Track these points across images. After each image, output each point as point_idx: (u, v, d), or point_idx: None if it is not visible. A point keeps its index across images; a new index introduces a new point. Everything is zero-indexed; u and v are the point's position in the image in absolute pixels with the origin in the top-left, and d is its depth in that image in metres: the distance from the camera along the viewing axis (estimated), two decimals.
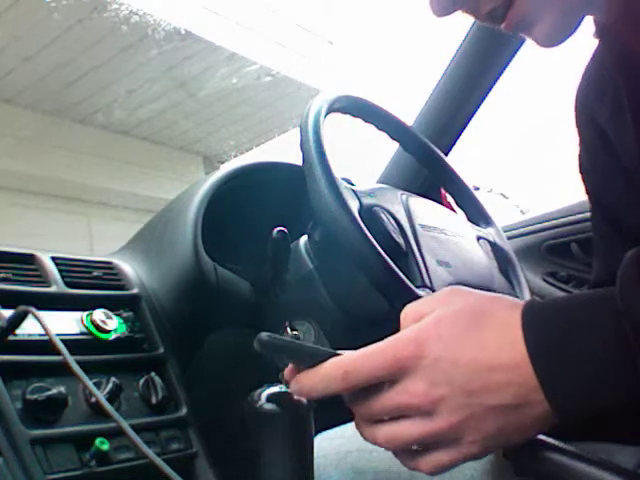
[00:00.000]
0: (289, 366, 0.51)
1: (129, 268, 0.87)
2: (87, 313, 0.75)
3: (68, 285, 0.78)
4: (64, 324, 0.73)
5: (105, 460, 0.66)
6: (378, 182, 1.29)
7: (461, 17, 0.54)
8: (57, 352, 0.64)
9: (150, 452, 0.59)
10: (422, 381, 0.46)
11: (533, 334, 0.44)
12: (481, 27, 1.22)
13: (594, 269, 0.71)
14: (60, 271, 0.79)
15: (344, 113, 0.86)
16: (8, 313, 0.68)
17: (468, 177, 1.00)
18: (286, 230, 0.82)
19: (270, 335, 0.48)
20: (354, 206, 0.74)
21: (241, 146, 4.30)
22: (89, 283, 0.80)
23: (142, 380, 0.75)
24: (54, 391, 0.66)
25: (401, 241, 0.79)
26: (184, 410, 0.77)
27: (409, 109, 1.30)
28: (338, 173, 0.74)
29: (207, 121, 4.19)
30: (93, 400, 0.68)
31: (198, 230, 0.87)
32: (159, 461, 0.58)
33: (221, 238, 0.94)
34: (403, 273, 0.72)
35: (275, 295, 0.86)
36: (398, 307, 0.51)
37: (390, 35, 3.73)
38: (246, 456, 0.57)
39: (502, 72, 1.27)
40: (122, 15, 3.30)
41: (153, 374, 0.77)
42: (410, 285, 0.71)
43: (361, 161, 1.61)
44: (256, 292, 0.90)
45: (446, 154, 1.26)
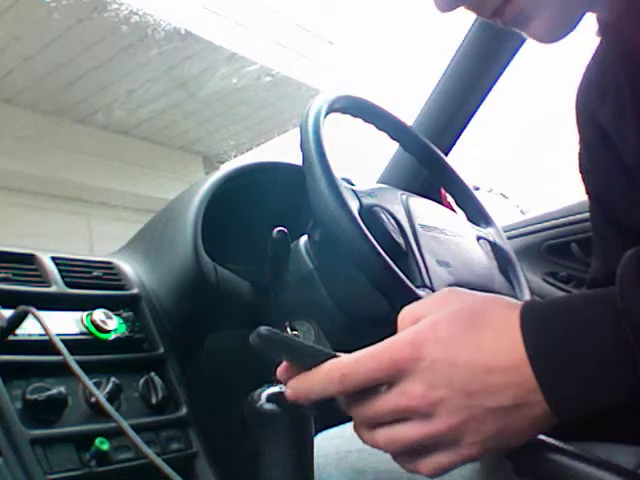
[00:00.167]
0: (283, 364, 0.50)
1: (129, 268, 0.87)
2: (87, 313, 0.75)
3: (68, 285, 0.78)
4: (64, 324, 0.73)
5: (105, 460, 0.66)
6: (378, 182, 1.29)
7: (463, 15, 0.54)
8: (57, 352, 0.64)
9: (150, 452, 0.59)
10: (420, 383, 0.45)
11: (533, 335, 0.44)
12: (481, 27, 1.22)
13: (592, 267, 0.71)
14: (60, 271, 0.79)
15: (344, 113, 0.86)
16: (8, 313, 0.68)
17: (468, 177, 1.00)
18: (286, 230, 0.83)
19: (269, 329, 0.48)
20: (354, 206, 0.74)
21: (241, 146, 4.30)
22: (89, 283, 0.80)
23: (142, 380, 0.75)
24: (54, 391, 0.66)
25: (401, 241, 0.79)
26: (184, 410, 0.77)
27: (409, 109, 1.30)
28: (338, 173, 0.74)
29: (207, 121, 4.18)
30: (93, 400, 0.68)
31: (198, 230, 0.87)
32: (159, 461, 0.58)
33: (221, 238, 0.94)
34: (403, 273, 0.72)
35: (275, 295, 0.86)
36: (398, 307, 0.50)
37: (390, 35, 3.73)
38: (246, 456, 0.57)
39: (502, 72, 1.27)
40: (122, 15, 3.30)
41: (153, 374, 0.77)
42: (410, 285, 0.71)
43: (361, 161, 1.61)
44: (256, 292, 0.90)
45: (446, 154, 1.26)
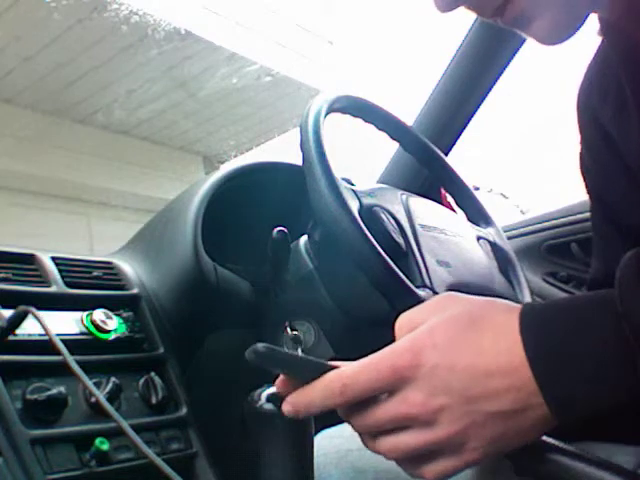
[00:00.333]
0: (281, 378, 0.50)
1: (129, 268, 0.87)
2: (87, 313, 0.75)
3: (68, 285, 0.78)
4: (64, 324, 0.73)
5: (105, 460, 0.66)
6: (378, 182, 1.29)
7: (463, 15, 0.54)
8: (57, 352, 0.64)
9: (150, 452, 0.59)
10: (420, 391, 0.45)
11: (532, 336, 0.44)
12: (481, 27, 1.22)
13: (592, 267, 0.71)
14: (60, 271, 0.79)
15: (344, 113, 0.86)
16: (8, 313, 0.68)
17: (468, 177, 1.00)
18: (286, 230, 0.82)
19: (266, 346, 0.47)
20: (354, 206, 0.74)
21: (241, 146, 4.29)
22: (89, 283, 0.80)
23: (142, 380, 0.75)
24: (54, 391, 0.66)
25: (401, 241, 0.78)
26: (184, 410, 0.77)
27: (409, 109, 1.30)
28: (338, 173, 0.74)
29: (207, 121, 4.18)
30: (93, 400, 0.68)
31: (198, 230, 0.87)
32: (159, 461, 0.58)
33: (221, 238, 0.94)
34: (403, 273, 0.72)
35: (275, 295, 0.86)
36: (398, 307, 0.50)
37: (390, 35, 3.73)
38: (246, 456, 0.57)
39: (502, 72, 1.27)
40: (122, 15, 3.30)
41: (153, 374, 0.77)
42: (410, 285, 0.71)
43: (361, 161, 1.61)
44: (256, 292, 0.90)
45: (446, 154, 1.26)
